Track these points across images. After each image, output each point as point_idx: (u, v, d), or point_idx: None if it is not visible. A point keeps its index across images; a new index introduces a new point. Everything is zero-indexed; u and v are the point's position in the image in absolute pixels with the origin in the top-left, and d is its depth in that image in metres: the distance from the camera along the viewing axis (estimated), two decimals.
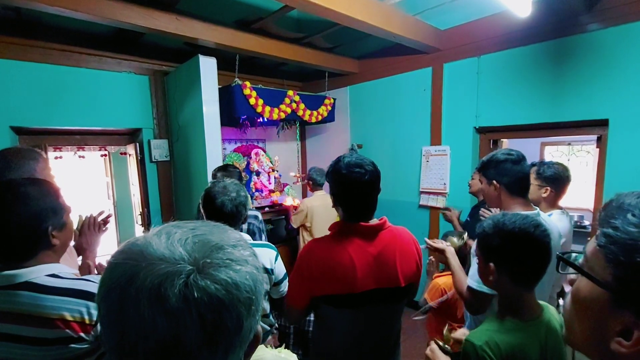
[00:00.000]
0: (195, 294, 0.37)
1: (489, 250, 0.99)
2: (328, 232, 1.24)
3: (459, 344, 0.98)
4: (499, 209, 1.45)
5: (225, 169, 2.42)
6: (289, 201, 3.94)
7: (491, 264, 0.97)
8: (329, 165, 1.23)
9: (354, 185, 1.14)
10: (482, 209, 1.91)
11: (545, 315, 0.98)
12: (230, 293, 0.40)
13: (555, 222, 1.73)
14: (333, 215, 3.40)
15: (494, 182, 1.40)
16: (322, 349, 1.27)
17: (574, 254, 0.61)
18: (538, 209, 1.43)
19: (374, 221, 1.21)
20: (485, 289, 1.21)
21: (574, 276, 0.57)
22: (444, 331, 1.12)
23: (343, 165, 1.16)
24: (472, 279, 1.27)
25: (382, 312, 1.19)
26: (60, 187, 0.97)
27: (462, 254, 1.74)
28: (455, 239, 1.67)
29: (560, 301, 1.96)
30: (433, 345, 1.01)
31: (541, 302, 1.02)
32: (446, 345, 1.02)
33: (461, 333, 1.04)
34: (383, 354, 1.26)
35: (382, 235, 1.19)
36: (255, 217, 2.29)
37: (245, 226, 2.20)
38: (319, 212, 3.21)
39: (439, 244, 1.54)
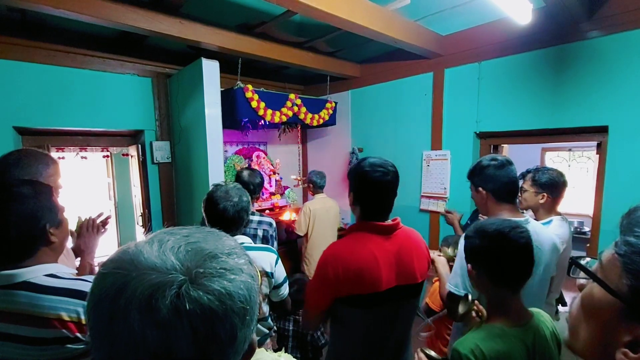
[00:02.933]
0: (187, 306, 0.36)
1: (469, 252, 1.02)
2: (326, 235, 1.25)
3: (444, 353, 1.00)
4: (486, 216, 1.43)
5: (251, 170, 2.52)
6: (286, 216, 3.91)
7: (471, 265, 1.01)
8: (352, 164, 1.26)
9: (376, 184, 1.18)
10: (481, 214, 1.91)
11: (535, 321, 0.98)
12: (224, 304, 0.38)
13: (555, 228, 1.72)
14: (333, 219, 3.40)
15: (480, 188, 1.39)
16: (341, 352, 1.25)
17: (587, 259, 0.60)
18: (527, 215, 1.41)
19: (388, 222, 1.24)
20: (462, 293, 1.21)
21: (583, 281, 0.56)
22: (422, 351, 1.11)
23: (367, 165, 1.20)
24: (449, 283, 1.29)
25: (401, 308, 1.20)
26: (51, 187, 0.98)
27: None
28: (448, 249, 1.69)
29: (559, 307, 1.95)
30: (421, 354, 1.01)
31: (533, 309, 1.02)
32: (432, 353, 1.00)
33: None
34: (401, 349, 1.27)
35: (398, 234, 1.22)
36: (270, 224, 2.28)
37: (260, 232, 2.22)
38: (320, 215, 3.21)
39: (430, 254, 1.55)
